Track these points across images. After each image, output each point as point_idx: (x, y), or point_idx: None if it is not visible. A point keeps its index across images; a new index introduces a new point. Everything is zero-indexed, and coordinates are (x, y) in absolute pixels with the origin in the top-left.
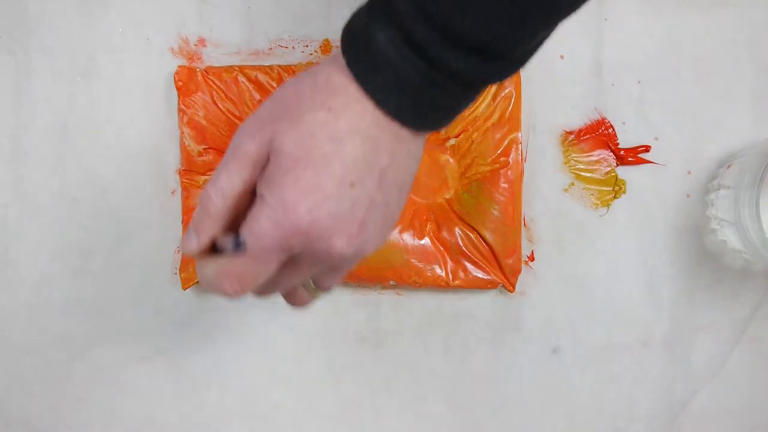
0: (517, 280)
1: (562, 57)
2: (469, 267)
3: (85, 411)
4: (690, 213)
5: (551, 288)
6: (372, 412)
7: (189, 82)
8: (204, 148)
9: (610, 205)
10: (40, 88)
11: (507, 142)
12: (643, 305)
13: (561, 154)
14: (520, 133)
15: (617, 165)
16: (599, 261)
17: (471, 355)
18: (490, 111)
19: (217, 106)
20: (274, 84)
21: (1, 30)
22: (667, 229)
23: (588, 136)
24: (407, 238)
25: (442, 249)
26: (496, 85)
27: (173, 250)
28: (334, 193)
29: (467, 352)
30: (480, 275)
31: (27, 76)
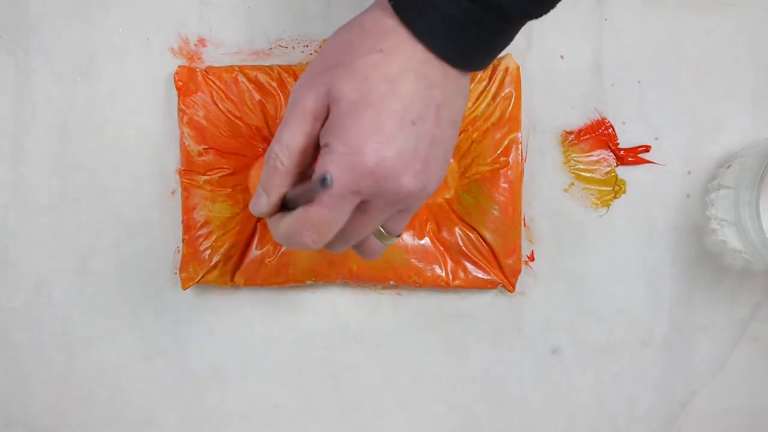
0: (517, 280)
1: (562, 57)
2: (469, 267)
3: (85, 411)
4: (690, 213)
5: (551, 288)
6: (372, 412)
7: (189, 82)
8: (204, 148)
9: (610, 205)
10: (40, 88)
11: (507, 142)
12: (643, 305)
13: (561, 154)
14: (520, 133)
15: (617, 165)
16: (599, 261)
17: (471, 355)
18: (490, 111)
19: (217, 106)
20: (274, 84)
21: (1, 30)
22: (667, 229)
23: (588, 136)
24: (407, 238)
25: (442, 249)
26: (496, 85)
27: (173, 250)
28: (396, 132)
29: (467, 352)
30: (480, 275)
31: (27, 76)
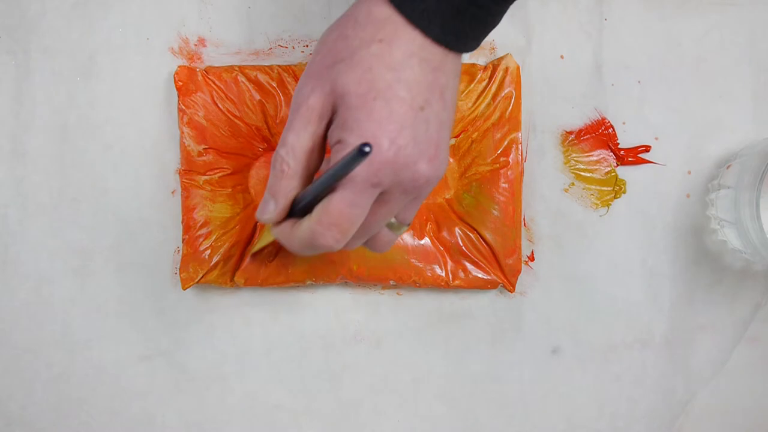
0: (517, 280)
1: (562, 57)
2: (469, 267)
3: (85, 411)
4: (690, 213)
5: (551, 288)
6: (372, 412)
7: (189, 82)
8: (204, 148)
9: (610, 205)
10: (40, 88)
11: (507, 142)
12: (643, 305)
13: (561, 154)
14: (520, 133)
15: (617, 165)
16: (599, 261)
17: (471, 355)
18: (490, 111)
19: (217, 106)
20: (274, 84)
21: (1, 30)
22: (667, 229)
23: (588, 136)
24: (407, 238)
25: (442, 249)
26: (496, 85)
27: (173, 250)
28: (408, 119)
29: (467, 352)
30: (480, 275)
31: (27, 76)
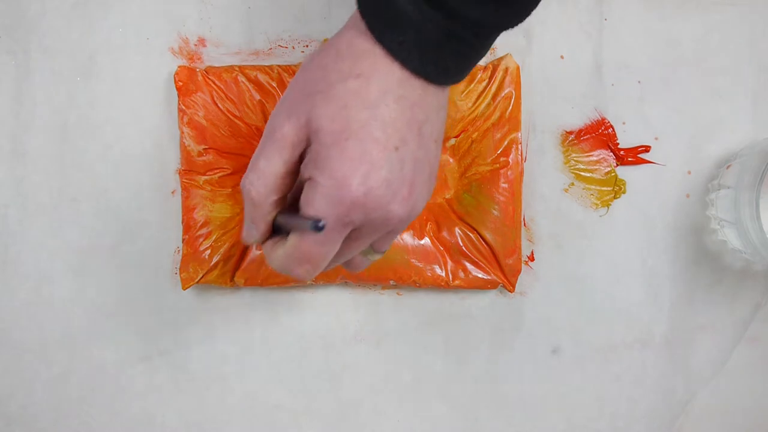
0: (517, 280)
1: (562, 57)
2: (469, 267)
3: (85, 411)
4: (690, 213)
5: (551, 288)
6: (372, 412)
7: (189, 82)
8: (204, 148)
9: (610, 205)
10: (40, 88)
11: (507, 142)
12: (643, 305)
13: (561, 154)
14: (520, 133)
15: (617, 165)
16: (599, 261)
17: (471, 354)
18: (490, 111)
19: (217, 106)
20: (274, 84)
21: (1, 30)
22: (667, 229)
23: (588, 136)
24: (407, 238)
25: (442, 249)
26: (496, 85)
27: (173, 250)
28: (381, 160)
29: (467, 352)
30: (480, 275)
31: (27, 76)
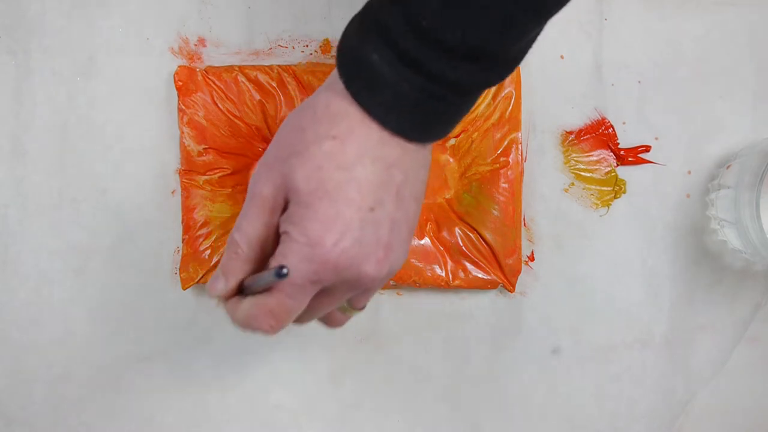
0: (517, 280)
1: (562, 57)
2: (469, 267)
3: (85, 411)
4: (690, 213)
5: (551, 288)
6: (372, 412)
7: (189, 82)
8: (204, 148)
9: (610, 205)
10: (40, 88)
11: (507, 142)
12: (643, 305)
13: (561, 154)
14: (520, 133)
15: (617, 165)
16: (599, 261)
17: (471, 355)
18: (490, 111)
19: (217, 106)
20: (274, 84)
21: (1, 30)
22: (667, 229)
23: (588, 136)
24: None
25: (442, 249)
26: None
27: (173, 250)
28: (355, 221)
29: (467, 352)
30: (480, 275)
31: (27, 76)
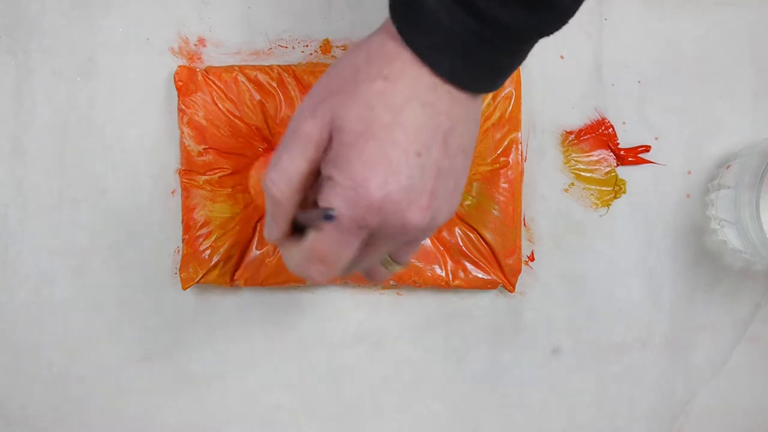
0: (517, 280)
1: (562, 57)
2: (469, 267)
3: (85, 411)
4: (690, 213)
5: (551, 288)
6: (372, 412)
7: (189, 82)
8: (204, 148)
9: (610, 205)
10: (40, 88)
11: (507, 142)
12: (643, 305)
13: (561, 154)
14: (520, 133)
15: (617, 165)
16: (599, 261)
17: (471, 355)
18: (490, 111)
19: (217, 106)
20: (274, 84)
21: (1, 30)
22: (667, 229)
23: (588, 136)
24: None
25: (442, 249)
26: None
27: (173, 250)
28: (401, 165)
29: (467, 352)
30: (480, 275)
31: (27, 76)
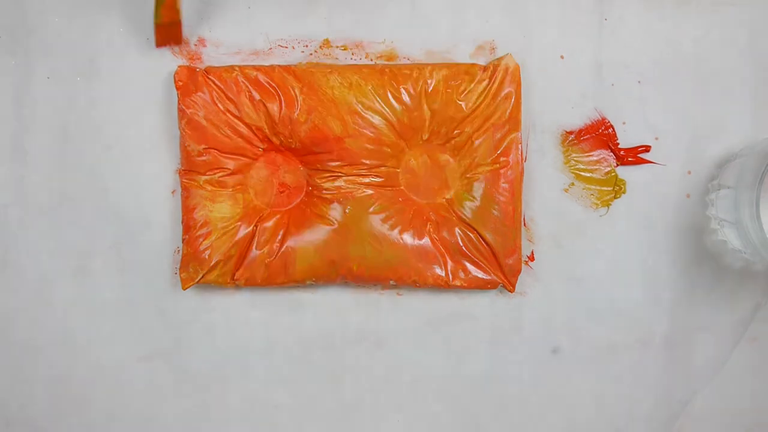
0: (517, 280)
1: (562, 57)
2: (469, 267)
3: (85, 411)
4: (690, 213)
5: (551, 288)
6: (372, 412)
7: (189, 82)
8: (204, 148)
9: (610, 205)
10: (40, 88)
11: (507, 142)
12: (643, 305)
13: (561, 154)
14: (520, 133)
15: (617, 165)
16: (599, 261)
17: (471, 355)
18: (490, 111)
19: (217, 106)
20: (274, 84)
21: (1, 30)
22: (667, 229)
23: (588, 136)
24: (407, 238)
25: (442, 249)
26: (496, 85)
27: (173, 250)
28: None
29: (467, 352)
30: (480, 275)
31: (27, 76)
